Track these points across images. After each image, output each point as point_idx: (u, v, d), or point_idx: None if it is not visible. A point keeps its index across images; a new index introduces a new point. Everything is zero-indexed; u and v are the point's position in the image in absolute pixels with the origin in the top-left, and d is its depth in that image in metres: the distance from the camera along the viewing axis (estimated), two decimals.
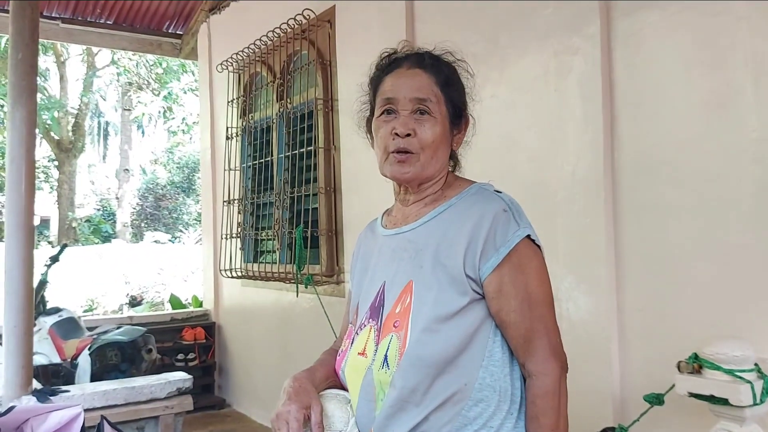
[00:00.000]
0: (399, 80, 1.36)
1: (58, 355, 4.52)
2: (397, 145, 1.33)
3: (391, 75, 1.38)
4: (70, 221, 18.68)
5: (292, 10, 4.35)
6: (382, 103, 1.37)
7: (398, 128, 1.32)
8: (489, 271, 1.26)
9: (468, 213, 1.32)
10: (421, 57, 1.39)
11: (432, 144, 1.33)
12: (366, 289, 1.43)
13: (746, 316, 2.07)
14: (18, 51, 3.40)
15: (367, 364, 1.31)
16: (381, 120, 1.37)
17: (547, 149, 2.72)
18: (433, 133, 1.33)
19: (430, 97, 1.34)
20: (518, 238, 1.28)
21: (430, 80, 1.35)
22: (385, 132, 1.35)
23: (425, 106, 1.33)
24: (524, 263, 1.28)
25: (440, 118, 1.35)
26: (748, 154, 2.08)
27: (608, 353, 2.44)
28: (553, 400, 1.26)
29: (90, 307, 10.58)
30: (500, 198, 1.33)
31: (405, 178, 1.36)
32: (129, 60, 17.24)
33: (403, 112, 1.34)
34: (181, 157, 21.91)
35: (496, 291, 1.27)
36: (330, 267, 4.26)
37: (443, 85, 1.36)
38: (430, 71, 1.36)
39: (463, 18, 3.14)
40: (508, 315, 1.27)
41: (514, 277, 1.27)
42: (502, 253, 1.26)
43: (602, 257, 2.48)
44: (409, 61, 1.38)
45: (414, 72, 1.36)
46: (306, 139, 4.49)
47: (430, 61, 1.38)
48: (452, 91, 1.37)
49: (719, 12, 2.17)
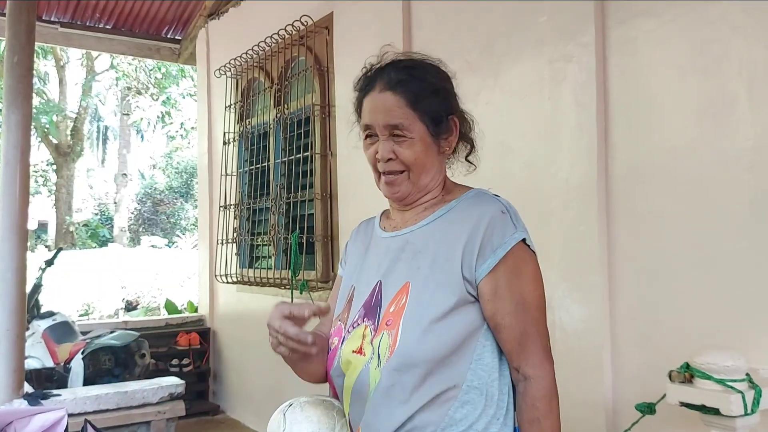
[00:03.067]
0: (373, 105, 1.38)
1: (51, 359, 4.51)
2: (383, 168, 1.38)
3: (367, 97, 1.40)
4: (68, 225, 18.67)
5: (291, 16, 4.36)
6: (363, 127, 1.41)
7: (380, 153, 1.37)
8: (485, 273, 1.27)
9: (466, 215, 1.33)
10: (390, 77, 1.37)
11: (415, 161, 1.36)
12: (360, 288, 1.43)
13: (738, 325, 2.07)
14: (14, 54, 3.40)
15: (365, 362, 1.31)
16: (366, 143, 1.41)
17: (541, 156, 2.71)
18: (413, 152, 1.35)
19: (402, 121, 1.34)
20: (515, 240, 1.29)
21: (398, 101, 1.35)
22: (370, 154, 1.40)
23: (399, 131, 1.35)
24: (520, 266, 1.29)
25: (418, 136, 1.35)
26: (741, 162, 2.08)
27: (600, 361, 2.43)
28: (552, 402, 1.27)
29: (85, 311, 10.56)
30: (498, 201, 1.35)
31: (399, 196, 1.40)
32: (128, 65, 17.27)
33: (382, 137, 1.37)
34: (180, 162, 21.91)
35: (491, 294, 1.27)
36: (325, 273, 4.26)
37: (414, 103, 1.35)
38: (399, 92, 1.35)
39: (459, 25, 3.15)
40: (503, 318, 1.27)
41: (509, 280, 1.28)
42: (499, 254, 1.27)
43: (596, 265, 2.47)
44: (381, 82, 1.37)
45: (384, 96, 1.36)
46: (303, 144, 4.49)
47: (399, 77, 1.37)
48: (425, 105, 1.36)
49: (713, 20, 2.17)
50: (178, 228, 20.76)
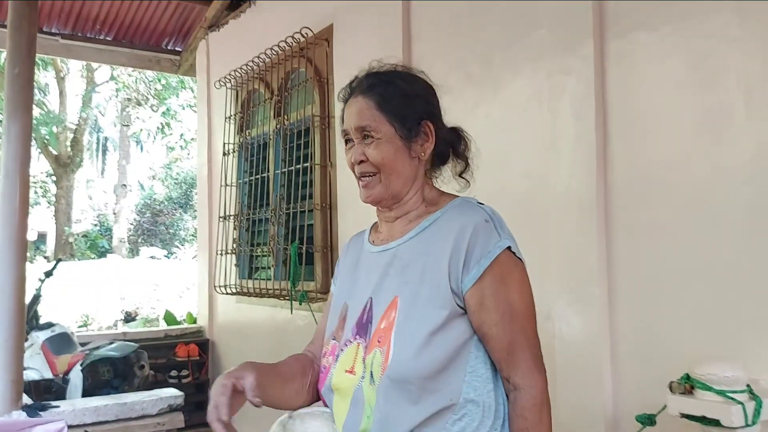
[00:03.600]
0: (348, 111, 1.43)
1: (50, 371, 4.50)
2: (357, 172, 1.41)
3: (345, 106, 1.45)
4: (67, 236, 18.66)
5: (291, 28, 4.38)
6: (342, 134, 1.45)
7: (352, 157, 1.40)
8: (470, 284, 1.27)
9: (451, 225, 1.33)
10: (362, 83, 1.44)
11: (383, 161, 1.37)
12: (352, 305, 1.43)
13: (738, 336, 2.07)
14: (15, 66, 3.42)
15: (356, 382, 1.30)
16: (346, 150, 1.44)
17: (540, 168, 2.72)
18: (380, 152, 1.37)
19: (369, 122, 1.38)
20: (499, 249, 1.28)
21: (368, 104, 1.39)
22: (348, 162, 1.43)
23: (366, 131, 1.38)
24: (505, 275, 1.29)
25: (385, 137, 1.37)
26: (740, 175, 2.09)
27: (601, 372, 2.43)
28: (541, 412, 1.27)
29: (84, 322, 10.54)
30: (482, 209, 1.35)
31: (372, 198, 1.41)
32: (128, 76, 17.32)
33: (356, 141, 1.40)
34: (179, 173, 21.94)
35: (477, 304, 1.27)
36: (325, 284, 4.25)
37: (381, 105, 1.38)
38: (367, 95, 1.40)
39: (459, 38, 3.16)
40: (490, 328, 1.27)
41: (495, 289, 1.27)
42: (484, 264, 1.27)
43: (595, 276, 2.47)
44: (357, 89, 1.43)
45: (355, 100, 1.41)
46: (302, 155, 4.50)
47: (370, 82, 1.42)
48: (392, 107, 1.38)
49: (711, 34, 2.18)
50: (177, 239, 20.75)
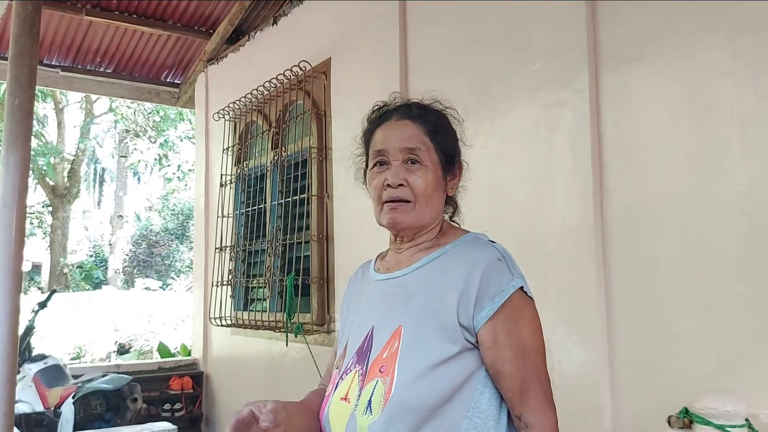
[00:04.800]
0: (389, 132, 1.38)
1: (42, 404, 4.43)
2: (390, 195, 1.35)
3: (381, 127, 1.41)
4: (62, 267, 18.57)
5: (289, 61, 4.43)
6: (374, 155, 1.39)
7: (390, 179, 1.34)
8: (483, 321, 1.25)
9: (461, 260, 1.31)
10: (408, 108, 1.42)
11: (425, 191, 1.35)
12: (354, 334, 1.42)
13: (737, 369, 2.06)
14: (15, 97, 3.43)
15: (350, 410, 1.28)
16: (374, 172, 1.39)
17: (537, 199, 2.73)
18: (425, 180, 1.35)
19: (419, 145, 1.35)
20: (513, 288, 1.27)
21: (419, 130, 1.37)
22: (378, 183, 1.37)
23: (415, 155, 1.35)
24: (518, 314, 1.28)
25: (431, 166, 1.36)
26: (735, 207, 2.10)
27: (600, 406, 2.41)
28: None
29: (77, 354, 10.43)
30: (494, 247, 1.34)
31: (400, 226, 1.37)
32: (127, 108, 17.43)
33: (395, 163, 1.36)
34: (176, 204, 21.95)
35: (491, 341, 1.25)
36: (321, 316, 4.22)
37: (432, 134, 1.38)
38: (419, 121, 1.38)
39: (456, 71, 3.20)
40: (503, 366, 1.25)
41: (508, 327, 1.26)
42: (497, 302, 1.26)
43: (593, 308, 2.47)
44: (398, 113, 1.41)
45: (403, 123, 1.38)
46: (299, 187, 4.51)
47: (418, 111, 1.41)
48: (441, 139, 1.39)
49: (704, 68, 2.21)
50: (172, 270, 20.66)
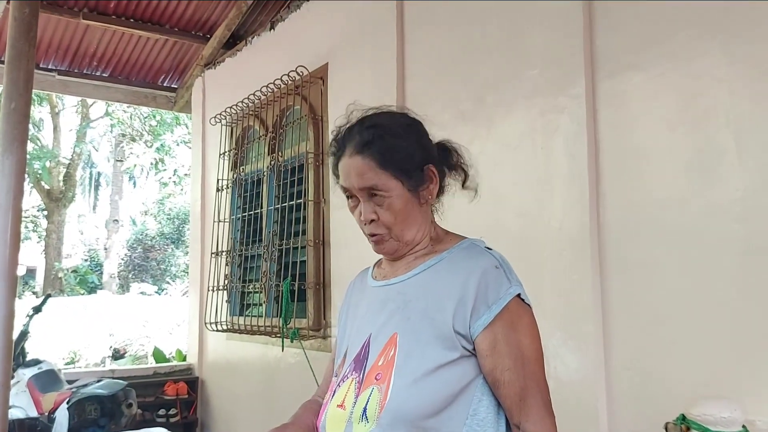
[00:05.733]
0: (346, 170, 1.38)
1: (36, 409, 4.40)
2: (368, 231, 1.39)
3: (340, 162, 1.39)
4: (57, 271, 18.49)
5: (286, 66, 4.43)
6: (343, 190, 1.42)
7: (363, 216, 1.37)
8: (481, 329, 1.25)
9: (458, 267, 1.31)
10: (355, 139, 1.37)
11: (396, 221, 1.36)
12: (352, 341, 1.41)
13: (734, 375, 2.06)
14: (11, 101, 3.42)
15: (346, 418, 1.28)
16: (350, 204, 1.42)
17: (533, 205, 2.73)
18: (392, 213, 1.35)
19: (376, 182, 1.34)
20: (510, 296, 1.27)
21: (370, 164, 1.34)
22: (356, 216, 1.41)
23: (375, 191, 1.35)
24: (516, 321, 1.27)
25: (396, 193, 1.34)
26: (731, 213, 2.11)
27: (596, 413, 2.40)
28: None
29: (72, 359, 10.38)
30: (491, 254, 1.33)
31: (388, 256, 1.42)
32: (123, 112, 17.40)
33: (362, 199, 1.37)
34: (172, 209, 21.90)
35: (489, 349, 1.25)
36: (317, 321, 4.22)
37: (383, 164, 1.34)
38: (364, 154, 1.34)
39: (453, 77, 3.21)
40: (502, 373, 1.25)
41: (506, 335, 1.25)
42: (495, 310, 1.25)
43: (589, 314, 2.47)
44: (350, 147, 1.37)
45: (354, 161, 1.35)
46: (296, 192, 4.51)
47: (363, 139, 1.36)
48: (395, 162, 1.34)
49: (700, 75, 2.22)
50: (168, 275, 20.60)
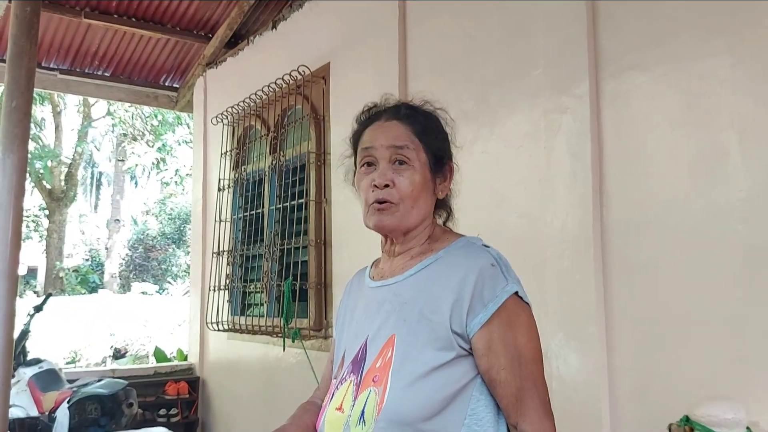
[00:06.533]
0: (377, 131, 1.37)
1: (36, 408, 4.40)
2: (376, 196, 1.33)
3: (369, 128, 1.40)
4: (58, 271, 18.50)
5: (288, 65, 4.42)
6: (362, 153, 1.38)
7: (377, 179, 1.32)
8: (477, 328, 1.23)
9: (455, 267, 1.29)
10: (397, 109, 1.40)
11: (411, 193, 1.32)
12: (350, 343, 1.40)
13: (738, 376, 2.05)
14: (13, 99, 3.42)
15: (344, 420, 1.27)
16: (362, 172, 1.37)
17: (536, 206, 2.72)
18: (412, 182, 1.32)
19: (407, 144, 1.34)
20: (507, 294, 1.25)
21: (407, 129, 1.36)
22: (365, 184, 1.35)
23: (402, 155, 1.33)
24: (513, 320, 1.25)
25: (419, 166, 1.34)
26: (735, 214, 2.10)
27: (599, 414, 2.39)
28: None
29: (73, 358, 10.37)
30: (488, 252, 1.31)
31: (386, 229, 1.35)
32: (125, 111, 17.41)
33: (382, 162, 1.34)
34: (173, 209, 21.91)
35: (485, 348, 1.23)
36: (318, 321, 4.21)
37: (420, 134, 1.36)
38: (407, 121, 1.37)
39: (455, 77, 3.20)
40: (498, 373, 1.23)
41: (503, 333, 1.23)
42: (491, 309, 1.23)
43: (592, 315, 2.46)
44: (387, 114, 1.40)
45: (391, 123, 1.37)
46: (297, 191, 4.50)
47: (407, 111, 1.39)
48: (430, 139, 1.37)
49: (704, 75, 2.21)
50: (169, 274, 20.61)
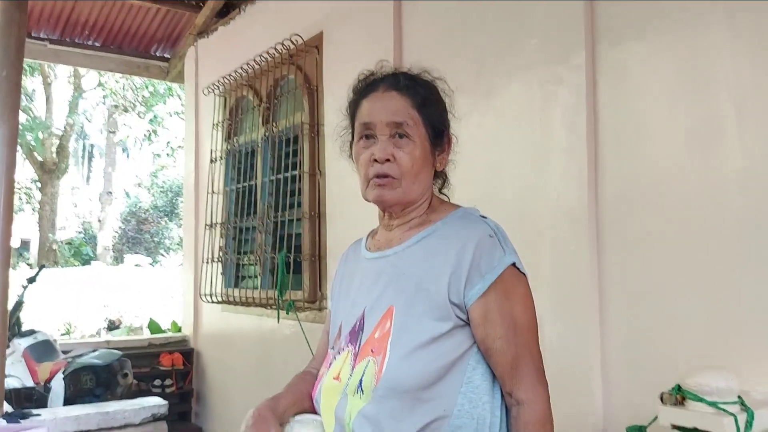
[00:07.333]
0: (375, 104, 1.34)
1: (32, 378, 4.42)
2: (377, 170, 1.31)
3: (367, 99, 1.37)
4: (51, 243, 18.45)
5: (280, 35, 4.37)
6: (361, 128, 1.36)
7: (377, 154, 1.31)
8: (475, 298, 1.24)
9: (453, 238, 1.29)
10: (396, 78, 1.37)
11: (412, 168, 1.32)
12: (347, 314, 1.40)
13: (730, 347, 2.07)
14: (3, 69, 3.37)
15: (341, 389, 1.28)
16: (360, 146, 1.35)
17: (531, 178, 2.72)
18: (412, 157, 1.31)
19: (407, 120, 1.32)
20: (504, 265, 1.26)
21: (406, 102, 1.33)
22: (365, 158, 1.34)
23: (403, 130, 1.31)
24: (510, 290, 1.26)
25: (419, 141, 1.33)
26: (731, 185, 2.09)
27: (591, 384, 2.42)
28: (545, 427, 1.25)
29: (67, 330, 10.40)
30: (485, 223, 1.32)
31: (387, 203, 1.35)
32: (116, 82, 17.23)
33: (381, 137, 1.32)
34: (165, 181, 21.82)
35: (481, 318, 1.24)
36: (312, 293, 4.22)
37: (420, 107, 1.34)
38: (406, 93, 1.34)
39: (451, 47, 3.16)
40: (494, 342, 1.25)
41: (500, 304, 1.25)
42: (488, 280, 1.24)
43: (586, 286, 2.47)
44: (385, 84, 1.37)
45: (390, 95, 1.34)
46: (291, 163, 4.47)
47: (406, 82, 1.36)
48: (430, 112, 1.35)
49: (702, 45, 2.19)
50: (162, 247, 20.61)
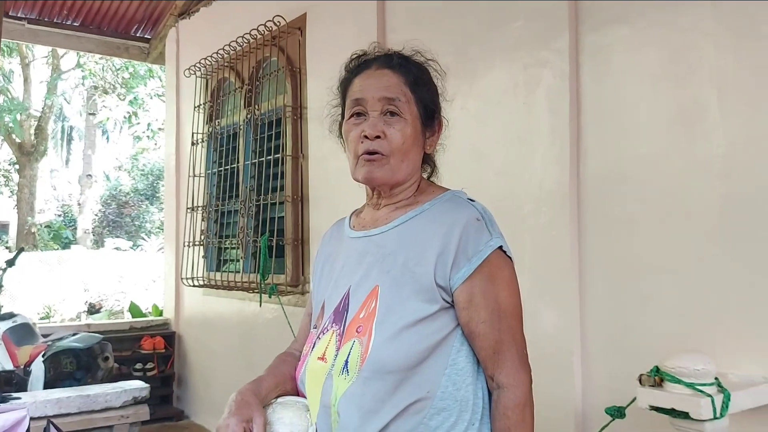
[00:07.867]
0: (368, 81, 1.34)
1: (11, 362, 4.37)
2: (366, 147, 1.30)
3: (359, 76, 1.36)
4: (30, 226, 18.23)
5: (263, 16, 4.32)
6: (351, 104, 1.34)
7: (367, 130, 1.30)
8: (460, 281, 1.24)
9: (440, 220, 1.29)
10: (389, 57, 1.37)
11: (402, 146, 1.31)
12: (331, 293, 1.39)
13: (708, 330, 2.09)
14: None
15: (327, 370, 1.27)
16: (351, 123, 1.34)
17: (514, 162, 2.72)
18: (403, 134, 1.31)
19: (399, 96, 1.31)
20: (491, 248, 1.26)
21: (399, 80, 1.33)
22: (354, 135, 1.32)
23: (394, 106, 1.31)
24: (495, 274, 1.26)
25: (410, 119, 1.32)
26: (713, 169, 2.11)
27: (571, 366, 2.44)
28: (524, 411, 1.24)
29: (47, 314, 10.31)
30: (473, 206, 1.31)
31: (376, 181, 1.33)
32: (95, 63, 16.96)
33: (373, 113, 1.31)
34: (146, 164, 21.59)
35: (466, 301, 1.24)
36: (295, 277, 4.21)
37: (412, 85, 1.34)
38: (399, 71, 1.34)
39: (434, 29, 3.14)
40: (477, 326, 1.25)
41: (485, 287, 1.25)
42: (474, 263, 1.24)
43: (567, 270, 2.48)
44: (378, 62, 1.36)
45: (382, 72, 1.34)
46: (273, 146, 4.44)
47: (399, 61, 1.36)
48: (422, 91, 1.35)
49: (686, 29, 2.20)
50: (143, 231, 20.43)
